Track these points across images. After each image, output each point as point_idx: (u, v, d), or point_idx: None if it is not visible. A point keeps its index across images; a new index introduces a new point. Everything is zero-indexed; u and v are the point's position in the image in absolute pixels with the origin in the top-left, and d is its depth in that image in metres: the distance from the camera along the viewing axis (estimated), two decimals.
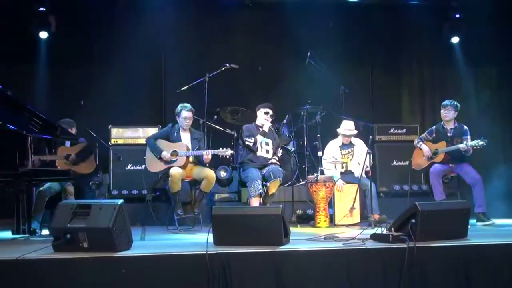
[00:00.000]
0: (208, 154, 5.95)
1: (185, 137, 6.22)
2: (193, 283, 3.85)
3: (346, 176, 6.55)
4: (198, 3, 8.24)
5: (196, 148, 6.16)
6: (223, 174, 7.01)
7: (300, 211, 6.75)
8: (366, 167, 6.20)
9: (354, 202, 6.22)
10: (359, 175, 6.37)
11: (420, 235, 4.11)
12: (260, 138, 6.32)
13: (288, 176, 6.97)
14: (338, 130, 6.70)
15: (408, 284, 3.94)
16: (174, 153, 6.00)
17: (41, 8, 7.53)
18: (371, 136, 6.65)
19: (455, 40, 8.38)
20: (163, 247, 4.54)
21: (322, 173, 6.42)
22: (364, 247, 4.12)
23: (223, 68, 6.78)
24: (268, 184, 6.11)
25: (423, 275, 4.00)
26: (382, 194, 7.38)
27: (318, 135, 7.09)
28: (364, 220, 6.28)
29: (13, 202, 5.30)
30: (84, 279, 3.76)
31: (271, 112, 6.42)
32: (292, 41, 8.06)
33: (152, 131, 6.84)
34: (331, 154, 6.64)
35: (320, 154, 6.66)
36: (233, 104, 7.37)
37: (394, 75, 8.75)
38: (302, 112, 7.25)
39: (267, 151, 6.37)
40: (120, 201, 4.10)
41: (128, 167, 7.15)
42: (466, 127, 6.43)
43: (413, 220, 4.17)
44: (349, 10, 8.39)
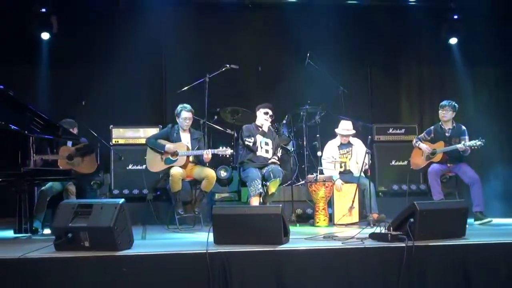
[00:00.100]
0: (208, 153, 5.95)
1: (185, 137, 6.22)
2: (193, 282, 3.84)
3: (345, 176, 6.56)
4: (199, 4, 8.26)
5: (196, 148, 6.16)
6: (223, 173, 7.03)
7: (299, 211, 6.76)
8: (366, 164, 6.22)
9: (353, 201, 6.22)
10: (358, 174, 6.39)
11: (418, 234, 4.10)
12: (259, 138, 6.33)
13: (287, 176, 7.01)
14: (336, 130, 6.72)
15: (407, 282, 3.93)
16: (174, 153, 6.00)
17: (42, 9, 7.55)
18: (370, 136, 6.68)
19: (453, 41, 8.40)
20: (164, 246, 4.56)
21: (321, 173, 6.43)
22: (363, 246, 4.12)
23: (223, 69, 6.77)
24: (268, 183, 6.12)
25: (421, 274, 3.99)
26: (381, 194, 7.41)
27: (318, 135, 7.09)
28: (363, 219, 6.28)
29: (15, 202, 5.31)
30: (85, 278, 3.76)
31: (270, 112, 6.43)
32: (292, 41, 8.07)
33: (152, 131, 6.85)
34: (330, 154, 6.66)
35: (319, 154, 6.68)
36: (233, 104, 7.38)
37: (393, 75, 8.76)
38: (301, 112, 7.27)
39: (267, 151, 6.38)
40: (121, 200, 4.10)
41: (129, 167, 7.17)
42: (464, 127, 6.43)
43: (411, 220, 4.15)
44: (348, 11, 8.41)
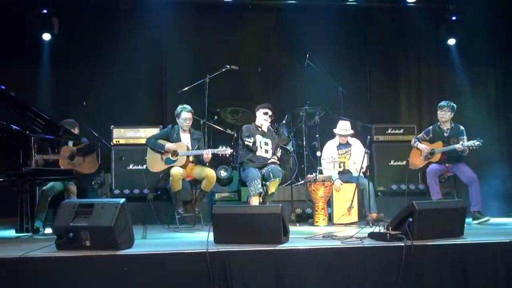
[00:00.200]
0: (208, 153, 5.97)
1: (185, 137, 6.23)
2: (194, 281, 3.84)
3: (344, 176, 6.58)
4: (199, 5, 8.26)
5: (195, 148, 6.18)
6: (223, 173, 7.05)
7: (299, 210, 6.76)
8: (363, 167, 6.24)
9: (352, 201, 6.23)
10: (356, 174, 6.40)
11: (417, 233, 4.11)
12: (259, 138, 6.35)
13: (287, 176, 7.03)
14: (334, 130, 6.73)
15: (406, 281, 3.94)
16: (174, 153, 6.02)
17: (44, 10, 7.55)
18: (369, 136, 6.68)
19: (451, 42, 8.40)
20: (164, 245, 4.58)
21: (320, 172, 6.44)
22: (362, 246, 4.13)
23: (223, 69, 6.79)
24: (267, 183, 6.13)
25: (420, 273, 4.00)
26: (380, 193, 7.43)
27: (317, 135, 7.06)
28: (362, 219, 6.30)
29: (16, 201, 5.33)
30: (86, 277, 3.77)
31: (270, 113, 6.44)
32: (292, 42, 8.08)
33: (153, 131, 6.84)
34: (329, 154, 6.67)
35: (318, 154, 6.68)
36: (233, 104, 7.39)
37: (392, 76, 8.76)
38: (301, 113, 7.27)
39: (267, 151, 6.39)
40: (122, 200, 4.10)
41: (130, 166, 7.16)
42: (462, 127, 6.45)
43: (410, 219, 4.17)
44: (347, 12, 8.39)
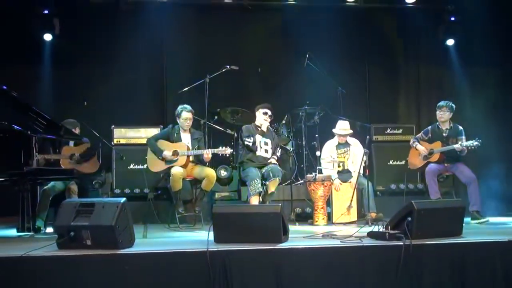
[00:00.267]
0: (208, 153, 5.99)
1: (185, 137, 6.26)
2: (194, 280, 3.85)
3: (344, 175, 6.59)
4: (199, 6, 8.27)
5: (195, 148, 6.20)
6: (223, 173, 7.08)
7: (298, 210, 6.77)
8: (365, 162, 6.24)
9: (352, 200, 6.25)
10: (355, 174, 6.41)
11: (416, 233, 4.12)
12: (259, 137, 6.36)
13: (287, 175, 7.04)
14: (333, 130, 6.75)
15: (404, 280, 3.96)
16: (175, 153, 6.04)
17: (45, 11, 7.56)
18: (368, 136, 6.74)
19: (450, 42, 8.41)
20: (165, 244, 4.59)
21: (320, 172, 6.44)
22: (361, 245, 4.14)
23: (223, 70, 6.80)
24: (267, 183, 6.15)
25: (419, 272, 4.02)
26: (379, 193, 7.44)
27: (317, 135, 7.08)
28: (361, 218, 6.31)
29: (18, 201, 5.35)
30: (87, 276, 3.78)
31: (269, 113, 6.45)
32: (291, 43, 8.10)
33: (154, 131, 6.86)
34: (328, 154, 6.68)
35: (318, 153, 6.69)
36: (233, 104, 7.41)
37: (391, 76, 8.77)
38: (300, 113, 7.29)
39: (266, 151, 6.41)
40: (123, 199, 4.11)
41: (131, 166, 7.17)
42: (461, 127, 6.46)
43: (409, 218, 4.19)
44: (347, 12, 8.41)
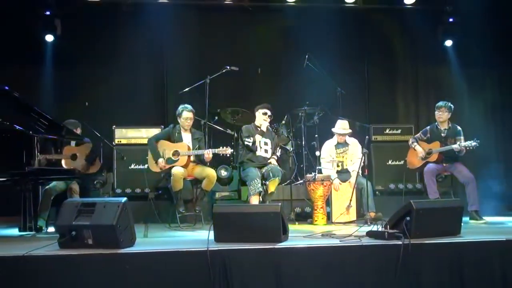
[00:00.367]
0: (209, 153, 6.02)
1: (186, 137, 6.29)
2: (194, 278, 3.86)
3: (343, 175, 6.60)
4: (199, 7, 8.29)
5: (196, 147, 6.23)
6: (223, 173, 7.10)
7: (298, 209, 6.80)
8: (364, 162, 6.26)
9: (351, 200, 6.26)
10: (354, 173, 6.42)
11: (414, 232, 4.13)
12: (258, 137, 6.38)
13: (286, 175, 7.05)
14: (333, 129, 6.76)
15: (403, 279, 3.97)
16: (175, 153, 6.07)
17: (47, 12, 7.59)
18: (367, 136, 6.74)
19: (448, 43, 8.43)
20: (166, 244, 4.61)
21: (320, 172, 6.47)
22: (360, 244, 4.15)
23: (223, 70, 6.80)
24: (267, 182, 6.18)
25: (417, 271, 4.03)
26: (378, 193, 7.46)
27: (316, 135, 7.12)
28: (360, 217, 6.33)
29: (20, 201, 5.38)
30: (88, 275, 3.79)
31: (269, 113, 6.47)
32: (291, 43, 8.12)
33: (154, 132, 6.87)
34: (328, 153, 6.70)
35: (317, 153, 6.72)
36: (233, 105, 7.42)
37: (390, 77, 8.78)
38: (300, 113, 7.31)
39: (266, 151, 6.44)
40: (124, 199, 4.12)
41: (132, 166, 7.20)
42: (459, 127, 6.46)
43: (408, 218, 4.19)
44: (346, 13, 8.42)
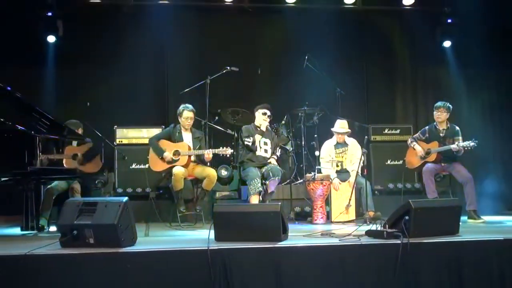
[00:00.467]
0: (209, 153, 6.05)
1: (186, 136, 6.32)
2: (195, 277, 3.86)
3: (342, 175, 6.62)
4: (200, 8, 8.31)
5: (197, 147, 6.26)
6: (224, 173, 7.15)
7: (298, 208, 6.83)
8: (363, 162, 6.29)
9: (350, 199, 6.29)
10: (353, 173, 6.46)
11: (413, 231, 4.13)
12: (258, 137, 6.42)
13: (286, 175, 7.08)
14: (332, 129, 6.79)
15: (402, 278, 3.98)
16: (176, 152, 6.10)
17: (48, 13, 7.62)
18: (366, 136, 6.77)
19: (447, 44, 8.45)
20: (166, 243, 4.63)
21: (319, 171, 6.49)
22: (360, 243, 4.16)
23: (224, 71, 6.85)
24: (267, 182, 6.21)
25: (416, 270, 4.03)
26: (377, 192, 7.49)
27: (316, 135, 7.16)
28: (360, 217, 6.35)
29: (22, 200, 5.41)
30: (90, 274, 3.80)
31: (268, 113, 6.50)
32: (291, 44, 8.14)
33: (155, 132, 6.90)
34: (327, 153, 6.72)
35: (317, 153, 6.75)
36: (233, 105, 7.46)
37: (389, 77, 8.80)
38: (300, 113, 7.34)
39: (266, 151, 6.47)
40: (125, 198, 4.12)
41: (133, 166, 7.23)
42: (458, 128, 6.47)
43: (406, 217, 4.18)
44: (345, 14, 8.45)
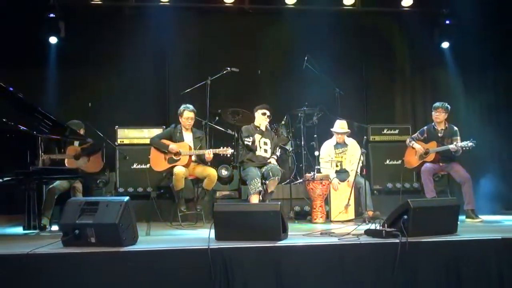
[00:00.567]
0: (209, 153, 6.09)
1: (187, 136, 6.35)
2: (195, 276, 3.88)
3: (341, 175, 6.65)
4: (201, 10, 8.33)
5: (198, 147, 6.30)
6: (224, 172, 7.18)
7: (297, 208, 6.86)
8: (362, 162, 6.32)
9: (349, 199, 6.32)
10: (353, 173, 6.49)
11: (412, 230, 4.15)
12: (258, 137, 6.45)
13: (286, 175, 7.11)
14: (331, 129, 6.81)
15: (401, 277, 4.00)
16: (177, 152, 6.12)
17: (50, 15, 7.63)
18: (365, 136, 6.79)
19: (445, 45, 8.45)
20: (167, 242, 4.67)
21: (319, 171, 6.53)
22: (359, 242, 4.18)
23: (224, 72, 6.88)
24: (267, 182, 6.24)
25: (414, 269, 4.06)
26: (375, 192, 7.50)
27: (315, 136, 7.17)
28: (359, 216, 6.38)
29: (24, 199, 5.43)
30: (91, 273, 3.82)
31: (268, 113, 6.54)
32: (290, 45, 8.15)
33: (156, 132, 6.92)
34: (327, 153, 6.75)
35: (317, 153, 6.78)
36: (234, 105, 7.48)
37: (388, 78, 8.82)
38: (299, 114, 7.37)
39: (266, 151, 6.51)
40: (126, 198, 4.14)
41: (134, 166, 7.25)
42: (456, 128, 6.49)
43: (405, 217, 4.20)
44: (344, 16, 8.46)
